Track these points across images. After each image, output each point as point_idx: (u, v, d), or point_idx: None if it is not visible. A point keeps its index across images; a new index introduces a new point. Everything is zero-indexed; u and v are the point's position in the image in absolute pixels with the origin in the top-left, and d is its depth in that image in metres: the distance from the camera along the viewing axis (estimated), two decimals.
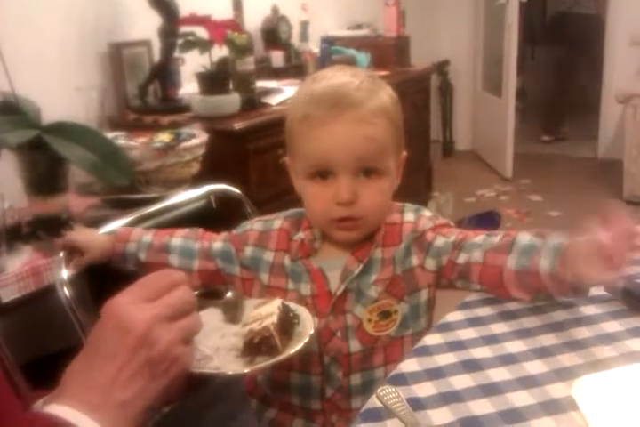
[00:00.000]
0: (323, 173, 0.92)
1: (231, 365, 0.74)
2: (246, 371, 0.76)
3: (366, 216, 0.94)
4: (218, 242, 1.06)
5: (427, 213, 1.01)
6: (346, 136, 0.90)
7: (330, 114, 0.89)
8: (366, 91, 0.92)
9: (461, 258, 0.93)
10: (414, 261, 0.97)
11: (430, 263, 0.97)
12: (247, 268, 1.03)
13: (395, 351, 0.97)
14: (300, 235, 1.00)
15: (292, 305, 0.87)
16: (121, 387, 0.59)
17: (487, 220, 3.36)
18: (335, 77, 0.94)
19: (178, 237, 1.08)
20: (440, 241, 0.96)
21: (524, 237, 0.89)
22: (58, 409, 0.57)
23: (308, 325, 0.83)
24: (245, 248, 1.03)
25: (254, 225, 1.05)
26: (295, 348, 0.78)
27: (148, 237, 1.08)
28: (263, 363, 0.76)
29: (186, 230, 1.10)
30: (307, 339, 0.79)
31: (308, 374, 0.98)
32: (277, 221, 1.04)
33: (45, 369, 1.09)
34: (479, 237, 0.95)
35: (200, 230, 1.10)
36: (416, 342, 0.96)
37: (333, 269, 0.97)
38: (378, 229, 0.98)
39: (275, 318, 0.78)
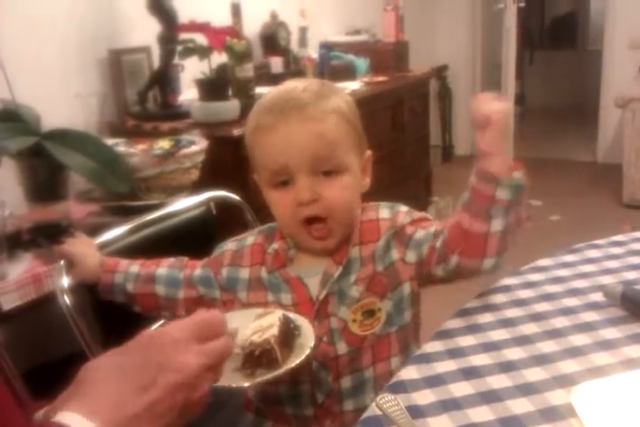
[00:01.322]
0: (283, 180, 0.93)
1: (232, 376, 0.74)
2: (246, 384, 0.76)
3: (333, 215, 0.93)
4: (198, 269, 1.07)
5: (403, 208, 1.01)
6: (295, 136, 0.91)
7: (278, 119, 0.91)
8: (313, 93, 0.93)
9: (439, 242, 0.93)
10: (395, 255, 0.96)
11: (411, 256, 0.96)
12: (226, 289, 1.03)
13: (382, 349, 0.97)
14: (274, 246, 1.00)
15: (293, 316, 0.86)
16: (147, 421, 0.59)
17: None
18: (284, 86, 0.97)
19: (164, 267, 1.08)
20: (420, 233, 0.96)
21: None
22: (74, 419, 0.57)
23: (308, 336, 0.82)
24: (222, 270, 1.03)
25: (228, 246, 1.06)
26: (296, 361, 0.77)
27: (135, 267, 1.09)
28: (265, 376, 0.75)
29: (171, 260, 1.10)
30: (308, 351, 0.79)
31: (298, 383, 0.97)
32: (250, 237, 1.05)
33: (46, 377, 1.09)
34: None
35: (185, 259, 1.10)
36: (401, 338, 0.98)
37: (312, 276, 0.97)
38: (352, 229, 0.98)
39: (275, 330, 0.78)
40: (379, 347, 0.97)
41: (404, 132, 3.18)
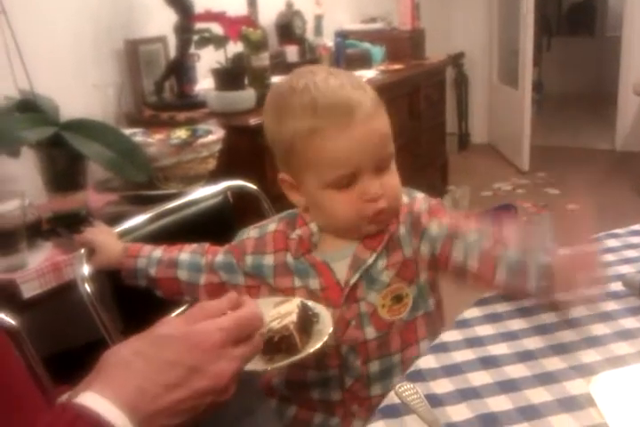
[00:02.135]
0: (348, 179, 0.91)
1: (251, 363, 0.75)
2: (269, 368, 0.76)
3: (393, 204, 0.95)
4: (220, 255, 1.07)
5: (419, 194, 1.02)
6: (364, 138, 0.89)
7: (342, 121, 0.88)
8: (358, 88, 0.92)
9: (455, 255, 0.95)
10: (415, 243, 0.98)
11: (424, 249, 0.98)
12: (251, 276, 1.04)
13: (410, 335, 0.99)
14: (298, 232, 1.00)
15: (311, 303, 0.87)
16: (168, 416, 0.60)
17: (504, 213, 3.35)
18: (319, 82, 0.91)
19: (186, 252, 1.09)
20: (434, 228, 0.97)
21: (511, 253, 0.92)
22: (105, 408, 0.57)
23: (327, 323, 0.83)
24: (245, 258, 1.04)
25: (250, 233, 1.06)
26: (315, 346, 0.78)
27: (158, 252, 1.10)
28: (284, 361, 0.76)
29: (193, 246, 1.11)
30: (326, 338, 0.80)
31: (326, 368, 0.98)
32: (272, 224, 1.05)
33: (67, 364, 1.11)
34: (471, 233, 0.96)
35: (206, 245, 1.11)
36: (428, 323, 1.00)
37: (338, 260, 0.98)
38: None
39: (294, 317, 0.79)
40: (406, 332, 0.98)
41: (420, 120, 3.17)
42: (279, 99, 0.94)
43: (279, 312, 0.81)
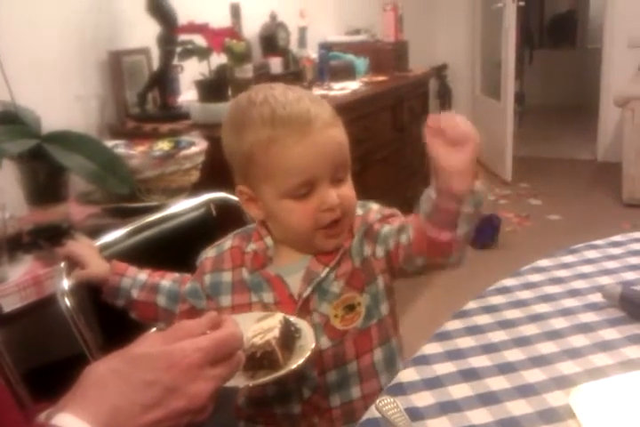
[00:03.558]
0: (306, 187, 0.93)
1: (233, 378, 0.74)
2: (250, 384, 0.76)
3: (348, 215, 0.96)
4: (188, 283, 1.08)
5: (374, 206, 1.03)
6: (322, 147, 0.91)
7: (300, 129, 0.91)
8: (315, 101, 0.95)
9: (403, 238, 0.95)
10: (367, 251, 0.99)
11: (379, 251, 0.98)
12: (210, 297, 1.04)
13: (364, 342, 0.99)
14: (252, 246, 1.01)
15: (294, 319, 0.87)
16: None
17: (486, 224, 3.36)
18: (282, 96, 0.94)
19: (168, 280, 1.10)
20: (386, 228, 0.98)
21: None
22: (70, 421, 0.57)
23: (309, 338, 0.83)
24: (204, 278, 1.04)
25: (208, 253, 1.07)
26: (297, 362, 0.78)
27: (143, 275, 1.10)
28: (267, 377, 0.76)
29: (176, 274, 1.12)
30: (308, 353, 0.80)
31: (284, 382, 0.97)
32: (228, 241, 1.06)
33: (46, 379, 1.10)
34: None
35: (187, 275, 1.11)
36: (382, 330, 0.99)
37: (292, 274, 0.98)
38: None
39: (277, 333, 0.79)
40: (360, 340, 0.98)
41: (403, 132, 3.18)
42: (238, 112, 0.96)
43: (262, 327, 0.81)
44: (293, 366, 0.78)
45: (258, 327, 0.81)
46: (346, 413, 0.98)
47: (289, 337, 0.82)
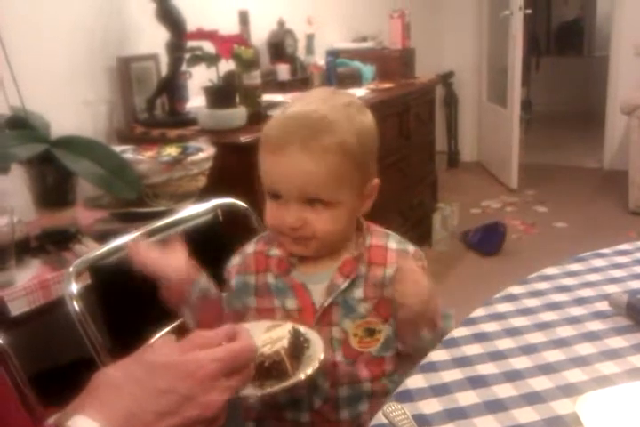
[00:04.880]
0: (276, 195, 0.95)
1: None
2: (259, 394, 0.76)
3: (317, 239, 0.95)
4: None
5: (411, 248, 1.02)
6: (289, 169, 0.91)
7: (279, 144, 0.91)
8: (326, 123, 0.91)
9: None
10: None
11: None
12: (239, 297, 1.04)
13: (378, 369, 0.99)
14: (276, 251, 1.01)
15: (303, 329, 0.87)
16: None
17: (492, 231, 3.36)
18: (308, 100, 0.95)
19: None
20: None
21: None
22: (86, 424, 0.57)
23: (318, 349, 0.83)
24: (231, 283, 1.04)
25: (233, 262, 1.06)
26: (305, 373, 0.78)
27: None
28: (275, 387, 0.76)
29: None
30: (317, 364, 0.80)
31: (296, 388, 0.98)
32: (251, 245, 1.06)
33: (54, 382, 1.10)
34: None
35: None
36: (397, 362, 1.01)
37: (317, 283, 0.98)
38: (365, 248, 0.99)
39: (285, 342, 0.79)
40: (373, 366, 0.99)
41: (409, 139, 3.19)
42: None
43: (270, 337, 0.81)
44: (302, 377, 0.78)
45: (267, 337, 0.81)
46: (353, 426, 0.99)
47: (298, 347, 0.82)
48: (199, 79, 2.22)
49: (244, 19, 2.61)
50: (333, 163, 0.91)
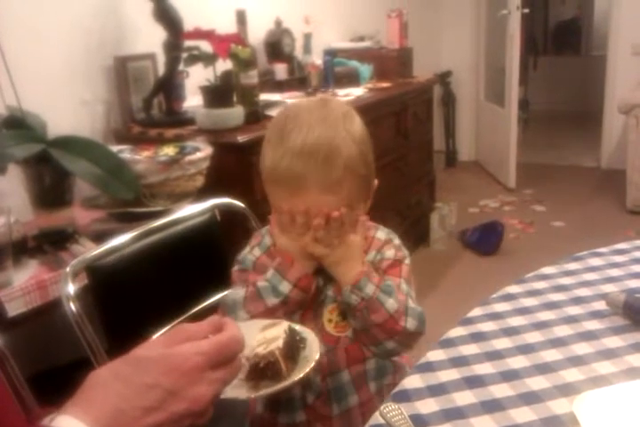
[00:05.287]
0: None
1: (235, 388, 0.74)
2: (252, 396, 0.76)
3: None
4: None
5: (396, 240, 1.04)
6: (308, 205, 0.92)
7: (298, 185, 0.91)
8: (334, 148, 0.91)
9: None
10: None
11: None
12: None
13: (356, 352, 0.99)
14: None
15: (299, 328, 0.86)
16: None
17: (490, 230, 3.36)
18: (305, 129, 0.91)
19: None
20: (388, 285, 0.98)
21: None
22: (71, 423, 0.57)
23: (314, 349, 0.82)
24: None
25: (255, 253, 1.05)
26: (300, 374, 0.77)
27: None
28: (269, 389, 0.75)
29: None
30: (312, 364, 0.79)
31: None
32: (266, 238, 1.05)
33: (51, 383, 1.10)
34: None
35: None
36: None
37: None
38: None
39: (280, 343, 0.78)
40: (352, 350, 0.99)
41: (407, 138, 3.18)
42: (279, 117, 0.99)
43: (265, 337, 0.80)
44: (296, 378, 0.77)
45: (262, 337, 0.80)
46: (345, 422, 0.99)
47: (293, 347, 0.81)
48: (196, 79, 2.21)
49: (241, 18, 2.61)
50: (347, 188, 0.93)
